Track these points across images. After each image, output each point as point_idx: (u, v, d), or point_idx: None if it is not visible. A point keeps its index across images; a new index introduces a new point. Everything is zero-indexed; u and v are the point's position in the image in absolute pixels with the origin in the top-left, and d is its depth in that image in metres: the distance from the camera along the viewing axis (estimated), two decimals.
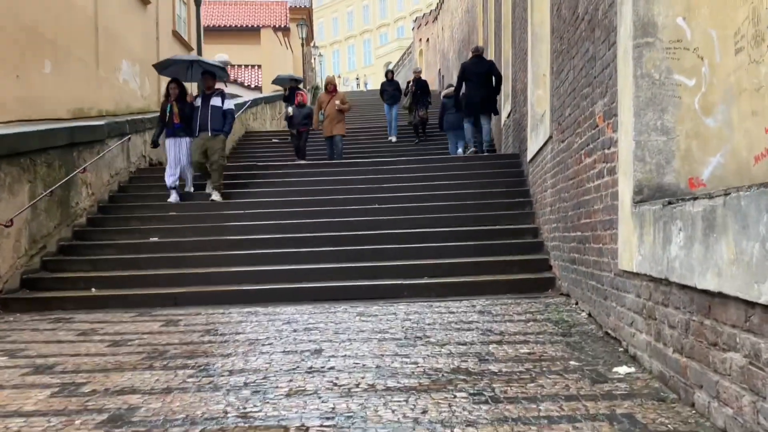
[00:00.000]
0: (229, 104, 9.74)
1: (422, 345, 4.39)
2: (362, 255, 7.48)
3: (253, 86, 27.37)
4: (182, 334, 5.18)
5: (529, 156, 8.64)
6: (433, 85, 29.17)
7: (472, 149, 11.89)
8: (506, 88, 12.11)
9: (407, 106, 14.94)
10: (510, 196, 8.93)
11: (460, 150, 12.41)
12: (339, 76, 57.79)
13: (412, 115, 14.90)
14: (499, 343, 4.37)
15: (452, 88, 12.53)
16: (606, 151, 4.37)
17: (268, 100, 23.12)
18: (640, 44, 3.60)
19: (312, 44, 40.43)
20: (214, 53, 26.22)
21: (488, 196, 8.93)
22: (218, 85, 10.04)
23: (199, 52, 16.86)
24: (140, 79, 13.47)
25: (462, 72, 11.14)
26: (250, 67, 28.77)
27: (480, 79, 10.77)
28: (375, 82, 54.59)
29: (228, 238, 8.27)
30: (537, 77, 8.57)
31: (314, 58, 42.06)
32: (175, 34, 16.34)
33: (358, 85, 55.21)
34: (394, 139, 15.38)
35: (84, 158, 8.75)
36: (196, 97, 9.96)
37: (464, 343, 4.38)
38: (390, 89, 15.81)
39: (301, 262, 7.45)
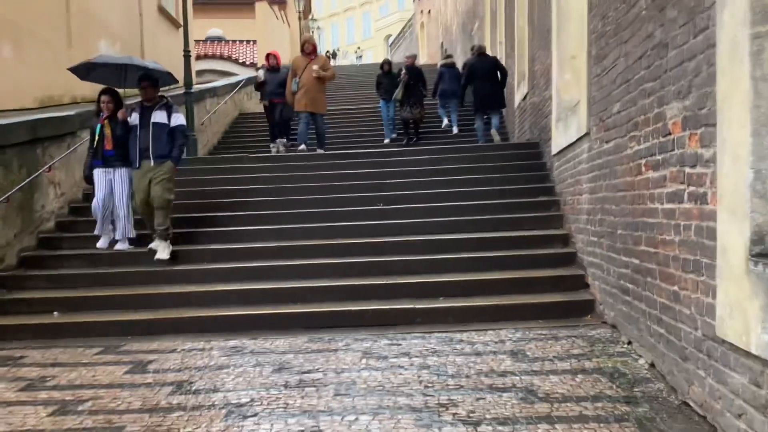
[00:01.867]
0: (177, 119, 7.13)
1: (449, 422, 3.41)
2: (366, 270, 6.48)
3: (248, 63, 26.10)
4: (148, 389, 4.19)
5: (555, 149, 7.60)
6: (435, 58, 27.89)
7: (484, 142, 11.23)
8: (521, 67, 11.02)
9: (399, 98, 12.28)
10: (532, 194, 7.89)
11: (445, 121, 12.77)
12: (338, 50, 56.34)
13: (403, 109, 12.33)
14: (549, 420, 3.39)
15: (451, 58, 13.12)
16: (687, 169, 3.35)
17: None
18: (762, 34, 2.56)
19: (310, 17, 39.03)
20: (206, 29, 25.10)
21: (507, 195, 7.90)
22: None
23: (188, 29, 15.67)
24: None
25: (468, 70, 11.25)
26: (244, 42, 27.47)
27: (486, 76, 10.95)
28: (375, 56, 53.15)
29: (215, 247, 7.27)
30: (564, 60, 7.50)
31: (312, 32, 40.66)
32: (161, 10, 15.16)
33: (358, 58, 53.67)
34: (388, 140, 12.61)
35: (51, 155, 7.70)
36: (131, 111, 7.20)
37: (504, 420, 3.40)
38: (386, 81, 12.81)
39: (293, 277, 6.45)
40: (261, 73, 11.96)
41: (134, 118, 7.08)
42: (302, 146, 10.57)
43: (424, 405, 3.66)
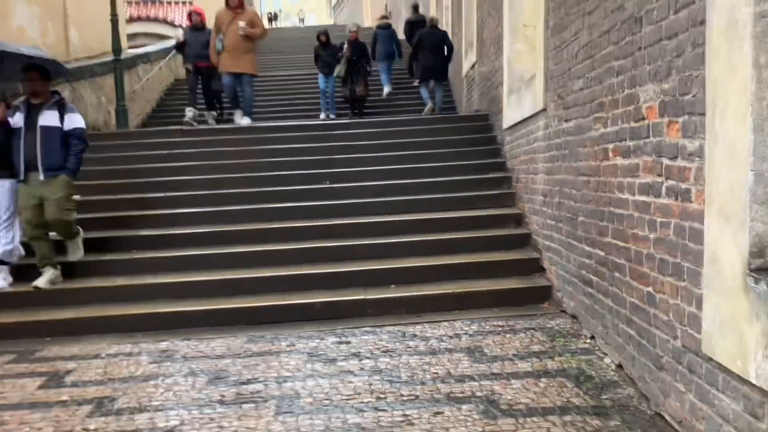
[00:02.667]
0: (73, 121, 5.72)
1: None
2: (314, 256, 6.04)
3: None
4: (63, 410, 3.68)
5: (506, 123, 7.25)
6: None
7: (430, 106, 11.04)
8: (469, 34, 10.62)
9: (341, 75, 11.70)
10: (483, 170, 7.54)
11: (387, 89, 12.67)
12: (280, 12, 54.60)
13: (347, 87, 11.76)
14: None
15: (387, 20, 13.67)
16: (666, 161, 3.01)
17: None
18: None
19: None
20: None
21: (459, 171, 7.53)
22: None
23: None
24: (41, 25, 11.33)
25: (418, 40, 11.37)
26: (180, 3, 26.13)
27: (434, 48, 11.13)
28: (318, 18, 51.75)
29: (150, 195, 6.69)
30: (516, 28, 7.13)
31: None
32: None
33: (301, 20, 52.14)
34: (330, 115, 11.60)
35: None
36: (13, 110, 5.71)
37: None
38: (325, 55, 11.98)
39: (233, 266, 5.96)
40: (181, 33, 10.70)
41: (17, 119, 5.63)
42: (236, 118, 9.83)
43: (377, 424, 3.29)
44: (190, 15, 10.72)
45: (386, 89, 12.71)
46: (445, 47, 11.35)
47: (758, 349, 2.16)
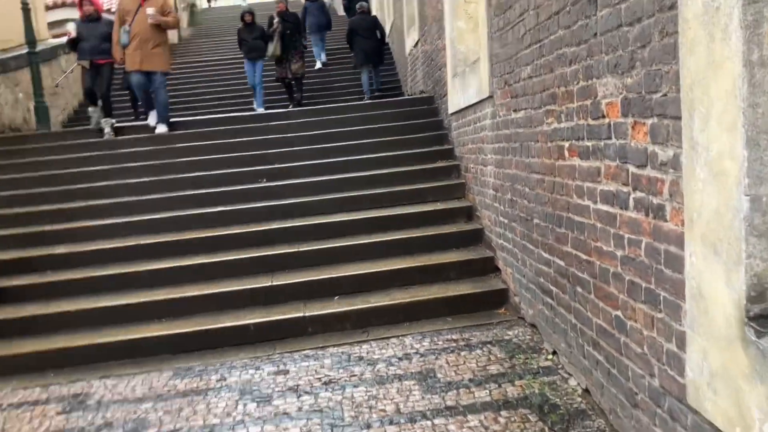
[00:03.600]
0: None
1: None
2: (248, 268, 5.50)
3: (113, 10, 23.57)
4: None
5: (452, 107, 6.77)
6: None
7: (368, 99, 10.46)
8: (410, 9, 10.06)
9: (275, 54, 10.46)
10: (430, 159, 7.05)
11: (321, 62, 12.81)
12: None
13: (282, 67, 10.63)
14: None
15: None
16: (632, 168, 2.57)
17: None
18: None
19: None
20: None
21: (404, 162, 7.02)
22: None
23: None
24: None
25: (350, 29, 11.37)
26: None
27: (367, 34, 11.18)
28: None
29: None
30: (457, 4, 6.63)
31: None
32: None
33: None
34: (261, 110, 10.24)
35: None
36: None
37: None
38: (250, 38, 10.59)
39: (159, 285, 5.37)
40: (72, 26, 8.90)
41: None
42: (150, 120, 8.56)
43: None
44: (81, 3, 8.80)
45: (320, 62, 12.85)
46: (378, 32, 11.34)
47: (763, 417, 1.74)
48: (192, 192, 6.69)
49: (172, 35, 13.59)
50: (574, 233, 3.33)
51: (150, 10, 7.89)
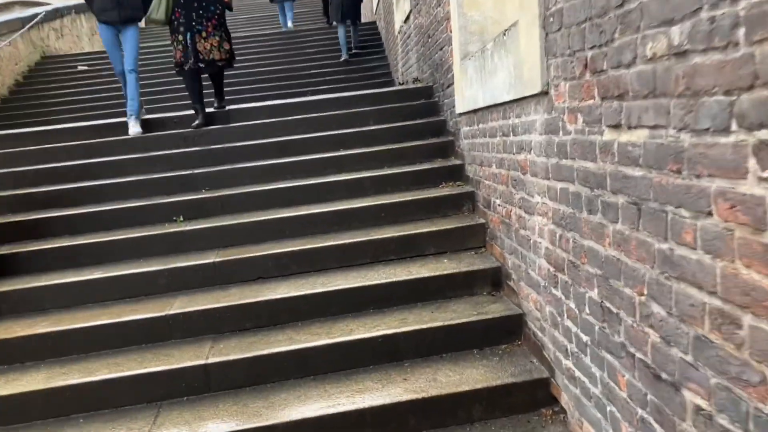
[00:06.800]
0: None
1: None
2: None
3: None
4: None
5: (462, 105, 4.49)
6: None
7: (345, 57, 10.03)
8: None
9: (163, 18, 5.84)
10: (431, 182, 4.75)
11: (290, 24, 12.63)
12: None
13: (181, 44, 5.91)
14: None
15: None
16: None
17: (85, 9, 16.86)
18: None
19: None
20: None
21: (392, 184, 4.72)
22: None
23: None
24: None
25: None
26: None
27: None
28: None
29: None
30: None
31: None
32: None
33: None
34: (137, 128, 5.97)
35: None
36: None
37: None
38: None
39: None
40: None
41: None
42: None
43: None
44: None
45: (289, 24, 12.61)
46: None
47: None
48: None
49: None
50: None
51: None
